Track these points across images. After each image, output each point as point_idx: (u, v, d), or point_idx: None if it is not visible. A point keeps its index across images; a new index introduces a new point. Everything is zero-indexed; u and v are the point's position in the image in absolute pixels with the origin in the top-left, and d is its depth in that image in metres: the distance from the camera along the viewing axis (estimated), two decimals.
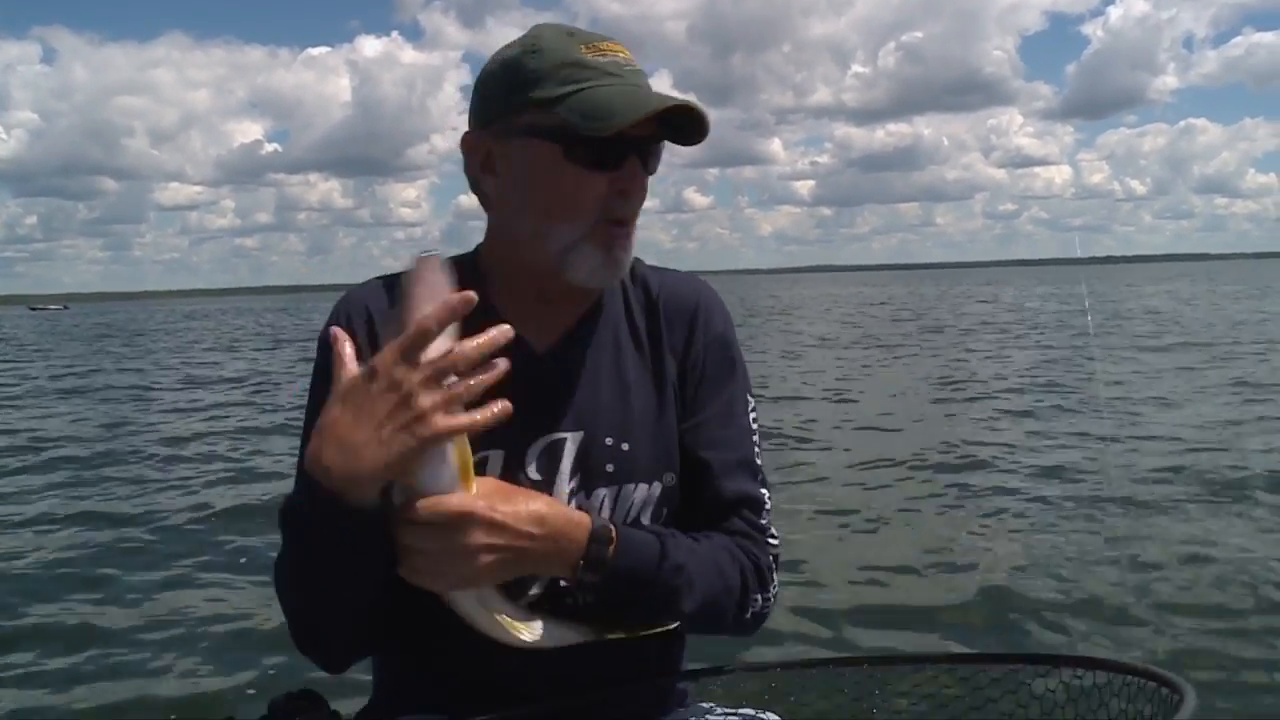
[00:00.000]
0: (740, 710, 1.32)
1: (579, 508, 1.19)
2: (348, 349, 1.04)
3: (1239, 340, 18.64)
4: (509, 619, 1.14)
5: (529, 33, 1.21)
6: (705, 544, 1.23)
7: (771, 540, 1.30)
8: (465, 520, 1.02)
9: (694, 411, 1.30)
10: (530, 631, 1.15)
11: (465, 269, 1.23)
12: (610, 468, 1.23)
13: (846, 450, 8.99)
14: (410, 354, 0.98)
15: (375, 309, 1.24)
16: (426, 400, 0.97)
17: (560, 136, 1.14)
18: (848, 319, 33.06)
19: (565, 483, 1.22)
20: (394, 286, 1.14)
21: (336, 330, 1.08)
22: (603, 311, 1.31)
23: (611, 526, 1.14)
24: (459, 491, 1.04)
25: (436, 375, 0.97)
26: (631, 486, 1.24)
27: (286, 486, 1.17)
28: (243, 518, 7.07)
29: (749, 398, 1.35)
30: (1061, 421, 9.98)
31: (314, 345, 1.24)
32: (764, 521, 1.30)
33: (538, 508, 1.09)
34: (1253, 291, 43.37)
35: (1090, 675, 1.20)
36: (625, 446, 1.24)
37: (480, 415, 1.00)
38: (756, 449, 1.32)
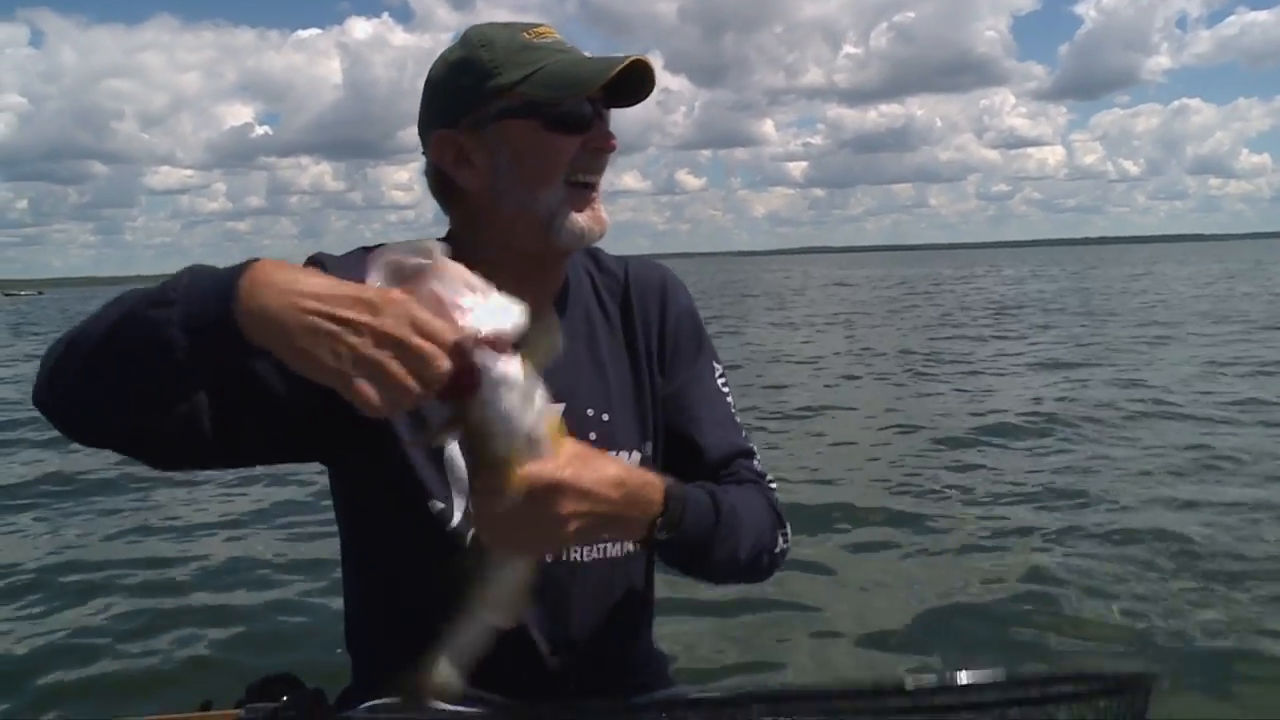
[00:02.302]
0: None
1: None
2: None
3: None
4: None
5: (469, 33, 1.30)
6: (734, 489, 1.31)
7: (771, 484, 1.40)
8: (555, 490, 1.01)
9: (673, 379, 1.39)
10: None
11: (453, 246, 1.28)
12: (593, 436, 1.29)
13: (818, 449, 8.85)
14: (418, 320, 0.90)
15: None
16: (381, 354, 0.88)
17: (535, 111, 1.23)
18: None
19: None
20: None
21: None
22: (571, 294, 1.37)
23: (679, 484, 1.20)
24: (548, 457, 1.01)
25: (404, 350, 0.89)
26: (613, 454, 1.29)
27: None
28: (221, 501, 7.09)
29: (716, 364, 1.45)
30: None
31: None
32: (760, 468, 1.40)
33: (617, 472, 1.09)
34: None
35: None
36: (606, 417, 1.32)
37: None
38: (733, 409, 1.43)
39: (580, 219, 1.26)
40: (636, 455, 1.33)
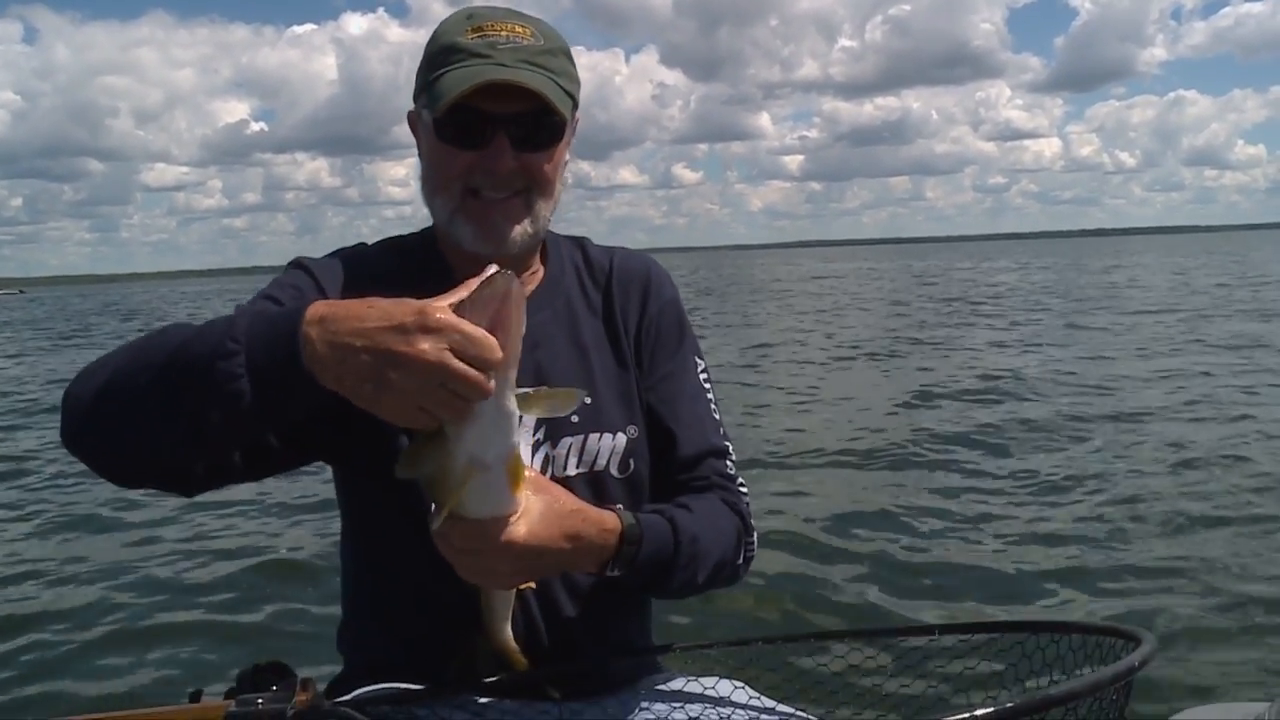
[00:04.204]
0: (706, 677, 1.34)
1: (545, 458, 1.26)
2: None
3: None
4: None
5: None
6: (700, 506, 1.28)
7: (742, 487, 1.37)
8: (504, 550, 1.03)
9: (652, 370, 1.38)
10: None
11: (425, 243, 1.35)
12: (575, 419, 1.28)
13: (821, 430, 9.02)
14: (459, 342, 0.89)
15: (382, 272, 1.27)
16: (428, 384, 0.90)
17: (433, 118, 1.23)
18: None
19: (530, 434, 1.26)
20: (397, 251, 1.32)
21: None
22: (552, 283, 1.37)
23: (638, 524, 1.17)
24: (510, 504, 1.03)
25: (447, 376, 0.90)
26: (597, 436, 1.29)
27: None
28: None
29: (698, 360, 1.42)
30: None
31: None
32: (731, 470, 1.37)
33: (572, 525, 1.10)
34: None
35: (1066, 639, 1.22)
36: (588, 400, 1.29)
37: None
38: (713, 404, 1.40)
39: (467, 230, 1.25)
40: (621, 438, 1.31)
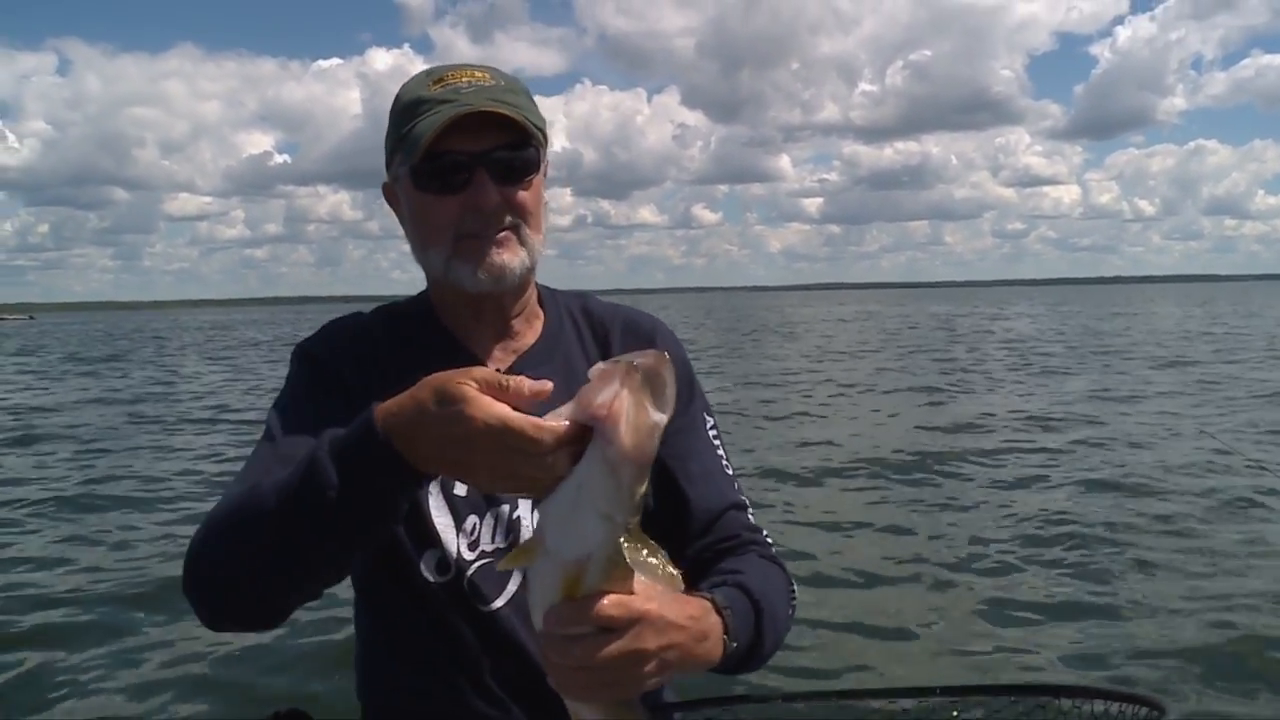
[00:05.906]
0: None
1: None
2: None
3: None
4: None
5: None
6: (751, 568, 1.26)
7: (768, 538, 1.35)
8: (642, 622, 0.89)
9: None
10: None
11: (419, 305, 1.37)
12: None
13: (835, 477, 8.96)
14: (506, 442, 0.85)
15: (376, 341, 1.30)
16: (500, 481, 0.88)
17: (409, 172, 1.24)
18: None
19: (529, 501, 1.25)
20: (390, 317, 1.34)
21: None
22: (550, 338, 1.37)
23: (718, 593, 1.11)
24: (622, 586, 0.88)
25: (512, 475, 0.87)
26: None
27: None
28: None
29: (708, 416, 1.41)
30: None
31: None
32: (754, 521, 1.36)
33: (685, 605, 0.99)
34: None
35: (1088, 704, 1.21)
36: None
37: None
38: (725, 461, 1.39)
39: (465, 272, 1.25)
40: None
